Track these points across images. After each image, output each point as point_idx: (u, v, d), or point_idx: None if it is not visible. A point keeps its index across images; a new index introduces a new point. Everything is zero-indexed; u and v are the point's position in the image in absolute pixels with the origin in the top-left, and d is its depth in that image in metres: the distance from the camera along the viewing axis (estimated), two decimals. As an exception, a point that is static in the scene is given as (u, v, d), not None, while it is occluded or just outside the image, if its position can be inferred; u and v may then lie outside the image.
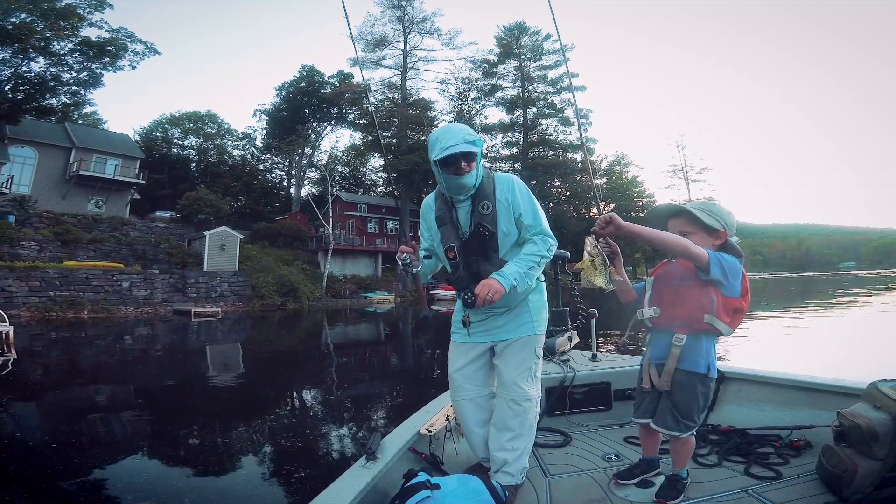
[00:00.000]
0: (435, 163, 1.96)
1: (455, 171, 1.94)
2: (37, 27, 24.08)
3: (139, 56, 28.77)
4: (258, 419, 6.05)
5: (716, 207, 1.83)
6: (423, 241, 2.26)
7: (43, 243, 23.06)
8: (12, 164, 28.76)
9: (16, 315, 17.64)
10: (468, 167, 1.94)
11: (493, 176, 2.06)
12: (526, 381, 2.07)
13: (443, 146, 1.90)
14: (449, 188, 2.02)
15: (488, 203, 1.99)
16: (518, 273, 1.91)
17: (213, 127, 55.70)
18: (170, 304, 23.28)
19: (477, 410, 2.17)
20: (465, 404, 2.19)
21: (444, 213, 2.10)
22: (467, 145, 1.89)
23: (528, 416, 2.06)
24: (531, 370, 2.10)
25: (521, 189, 2.04)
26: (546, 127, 59.52)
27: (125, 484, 3.90)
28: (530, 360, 2.09)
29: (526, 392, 2.06)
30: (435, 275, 2.35)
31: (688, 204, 1.82)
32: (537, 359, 2.13)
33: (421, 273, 2.15)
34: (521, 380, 2.06)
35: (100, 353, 11.78)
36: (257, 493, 3.74)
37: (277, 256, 31.97)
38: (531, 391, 2.08)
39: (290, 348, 13.48)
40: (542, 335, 2.15)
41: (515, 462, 2.02)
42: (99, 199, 32.51)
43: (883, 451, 1.71)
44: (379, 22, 44.76)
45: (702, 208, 1.82)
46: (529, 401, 2.06)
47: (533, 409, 2.09)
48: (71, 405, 6.78)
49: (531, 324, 2.10)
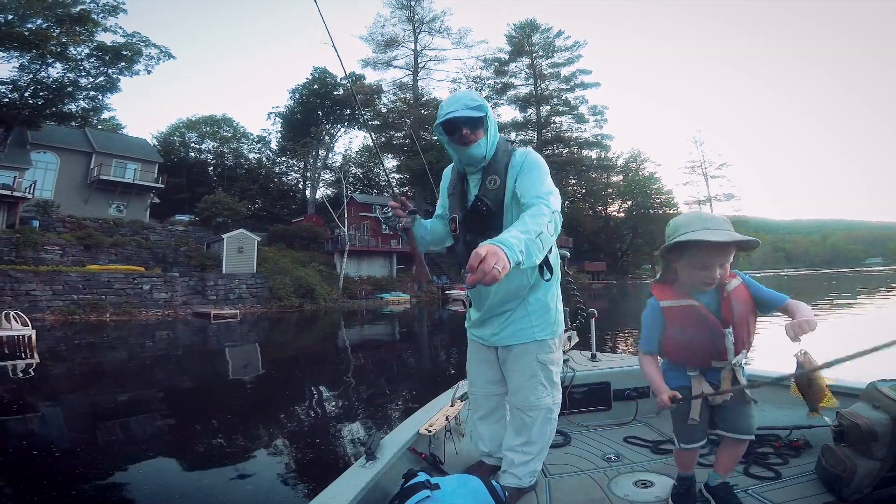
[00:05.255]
0: (440, 131, 1.85)
1: (460, 140, 1.81)
2: (53, 32, 24.61)
3: (154, 60, 29.32)
4: (271, 420, 6.14)
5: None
6: (437, 208, 2.21)
7: (66, 247, 23.54)
8: (35, 170, 29.45)
9: (40, 318, 18.07)
10: (473, 135, 1.81)
11: (513, 150, 1.88)
12: (533, 391, 1.94)
13: (443, 112, 1.81)
14: (458, 158, 1.92)
15: (497, 178, 1.84)
16: (525, 240, 1.36)
17: (228, 130, 56.51)
18: (190, 306, 23.64)
19: (484, 405, 2.16)
20: (475, 399, 2.21)
21: (456, 183, 2.00)
22: (468, 111, 1.77)
23: (535, 426, 1.94)
24: (537, 378, 1.93)
25: (531, 161, 1.82)
26: (560, 124, 59.28)
27: (133, 484, 3.99)
28: (533, 369, 1.93)
29: (531, 402, 1.94)
30: (450, 275, 2.27)
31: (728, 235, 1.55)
32: (542, 364, 1.94)
33: (418, 236, 2.11)
34: (527, 389, 1.94)
35: (122, 356, 12.00)
36: (258, 493, 3.79)
37: (294, 258, 32.24)
38: (540, 401, 1.94)
39: (307, 349, 13.63)
40: (550, 340, 1.96)
41: (523, 465, 1.95)
42: (119, 203, 33.13)
43: (882, 451, 1.70)
44: (389, 22, 45.03)
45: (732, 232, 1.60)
46: (537, 410, 1.94)
47: (543, 417, 1.95)
48: (92, 408, 6.91)
49: (531, 329, 1.93)
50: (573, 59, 56.94)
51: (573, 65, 57.16)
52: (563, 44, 56.71)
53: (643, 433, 2.61)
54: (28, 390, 7.87)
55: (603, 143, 61.22)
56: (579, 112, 58.36)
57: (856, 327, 12.30)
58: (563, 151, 58.25)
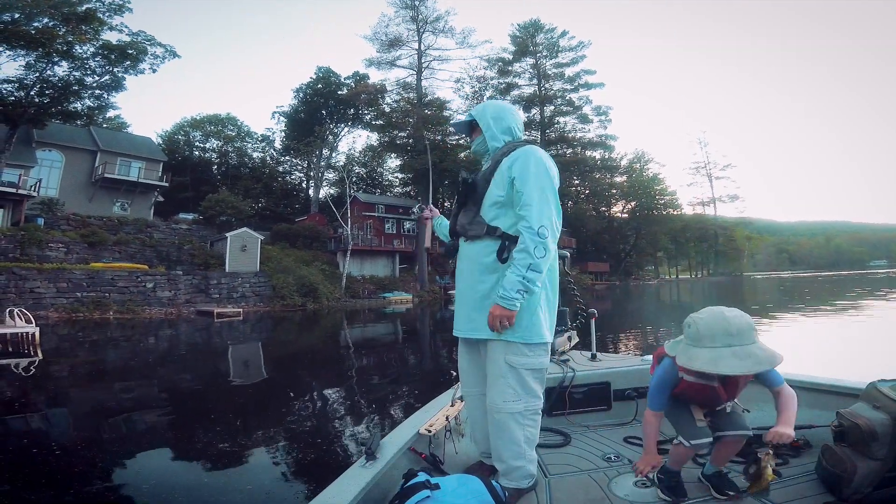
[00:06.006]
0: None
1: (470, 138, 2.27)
2: (59, 31, 24.68)
3: (159, 59, 29.33)
4: (272, 419, 6.14)
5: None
6: None
7: (70, 245, 23.64)
8: (40, 168, 29.60)
9: (44, 316, 18.17)
10: (472, 135, 2.24)
11: (516, 146, 2.00)
12: (500, 392, 1.91)
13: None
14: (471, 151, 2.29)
15: (493, 164, 2.03)
16: (519, 282, 1.80)
17: (233, 129, 56.56)
18: (193, 304, 23.70)
19: (478, 405, 2.15)
20: (467, 399, 2.21)
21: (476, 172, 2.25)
22: (460, 118, 2.28)
23: (506, 430, 1.90)
24: (505, 380, 1.89)
25: (520, 165, 1.90)
26: (564, 124, 59.19)
27: (134, 482, 4.01)
28: (501, 370, 1.90)
29: (497, 404, 1.91)
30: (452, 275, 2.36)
31: (752, 367, 1.61)
32: (511, 367, 1.89)
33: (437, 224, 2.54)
34: (493, 389, 1.94)
35: (125, 354, 12.04)
36: (259, 493, 3.78)
37: (297, 257, 32.32)
38: (506, 404, 1.90)
39: (310, 348, 13.65)
40: (521, 343, 1.89)
41: (515, 470, 1.93)
42: (124, 201, 33.25)
43: (882, 451, 1.70)
44: (393, 22, 44.94)
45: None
46: (501, 413, 1.90)
47: (513, 422, 1.90)
48: (94, 406, 6.94)
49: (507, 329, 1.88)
50: (577, 59, 56.86)
51: (577, 65, 57.08)
52: (567, 44, 56.65)
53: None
54: (31, 388, 7.90)
55: (607, 144, 61.11)
56: (583, 112, 58.25)
57: (860, 329, 12.27)
58: (567, 152, 58.13)
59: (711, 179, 79.62)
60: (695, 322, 1.69)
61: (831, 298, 23.22)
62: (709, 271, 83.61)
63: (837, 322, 13.97)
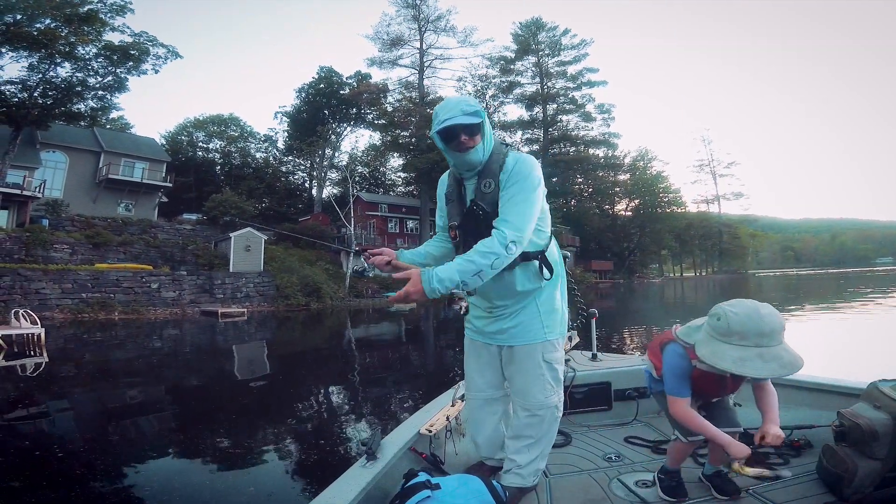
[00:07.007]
0: (437, 139, 1.83)
1: (457, 147, 1.80)
2: (61, 32, 24.79)
3: (162, 60, 29.45)
4: (274, 419, 6.15)
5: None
6: (437, 220, 2.19)
7: (75, 246, 23.71)
8: (44, 169, 29.81)
9: (49, 317, 18.24)
10: (470, 141, 1.79)
11: (507, 153, 1.85)
12: (542, 389, 1.97)
13: (440, 120, 1.77)
14: (455, 164, 1.92)
15: (492, 181, 1.82)
16: (450, 278, 1.61)
17: (236, 130, 56.69)
18: (197, 304, 23.74)
19: (485, 409, 2.15)
20: (474, 402, 2.19)
21: (453, 189, 1.99)
22: (466, 117, 1.75)
23: (544, 424, 1.98)
24: (544, 377, 1.97)
25: (517, 173, 1.79)
26: (566, 123, 59.12)
27: (137, 482, 4.03)
28: (540, 368, 1.96)
29: (540, 401, 1.97)
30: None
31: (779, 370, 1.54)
32: (548, 364, 1.98)
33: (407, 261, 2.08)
34: (535, 388, 1.97)
35: (130, 355, 12.06)
36: (259, 493, 3.80)
37: (301, 257, 32.31)
38: (547, 399, 1.97)
39: (313, 347, 13.67)
40: (555, 340, 1.99)
41: (529, 465, 1.97)
42: (128, 202, 33.38)
43: (883, 451, 1.70)
44: (394, 21, 45.03)
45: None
46: (546, 408, 1.98)
47: (550, 415, 1.99)
48: (99, 407, 6.98)
49: (541, 329, 1.96)
50: (580, 57, 56.86)
51: (580, 63, 57.10)
52: (569, 42, 56.65)
53: (644, 433, 2.61)
54: (37, 388, 7.93)
55: (610, 142, 61.09)
56: (586, 111, 58.27)
57: (863, 327, 12.23)
58: (570, 150, 58.12)
59: (715, 177, 79.42)
60: (726, 315, 1.57)
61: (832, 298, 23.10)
62: (713, 269, 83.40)
63: (838, 321, 13.91)
